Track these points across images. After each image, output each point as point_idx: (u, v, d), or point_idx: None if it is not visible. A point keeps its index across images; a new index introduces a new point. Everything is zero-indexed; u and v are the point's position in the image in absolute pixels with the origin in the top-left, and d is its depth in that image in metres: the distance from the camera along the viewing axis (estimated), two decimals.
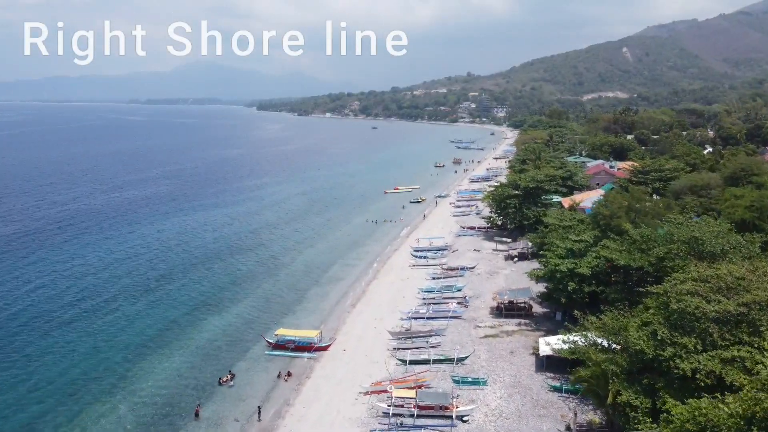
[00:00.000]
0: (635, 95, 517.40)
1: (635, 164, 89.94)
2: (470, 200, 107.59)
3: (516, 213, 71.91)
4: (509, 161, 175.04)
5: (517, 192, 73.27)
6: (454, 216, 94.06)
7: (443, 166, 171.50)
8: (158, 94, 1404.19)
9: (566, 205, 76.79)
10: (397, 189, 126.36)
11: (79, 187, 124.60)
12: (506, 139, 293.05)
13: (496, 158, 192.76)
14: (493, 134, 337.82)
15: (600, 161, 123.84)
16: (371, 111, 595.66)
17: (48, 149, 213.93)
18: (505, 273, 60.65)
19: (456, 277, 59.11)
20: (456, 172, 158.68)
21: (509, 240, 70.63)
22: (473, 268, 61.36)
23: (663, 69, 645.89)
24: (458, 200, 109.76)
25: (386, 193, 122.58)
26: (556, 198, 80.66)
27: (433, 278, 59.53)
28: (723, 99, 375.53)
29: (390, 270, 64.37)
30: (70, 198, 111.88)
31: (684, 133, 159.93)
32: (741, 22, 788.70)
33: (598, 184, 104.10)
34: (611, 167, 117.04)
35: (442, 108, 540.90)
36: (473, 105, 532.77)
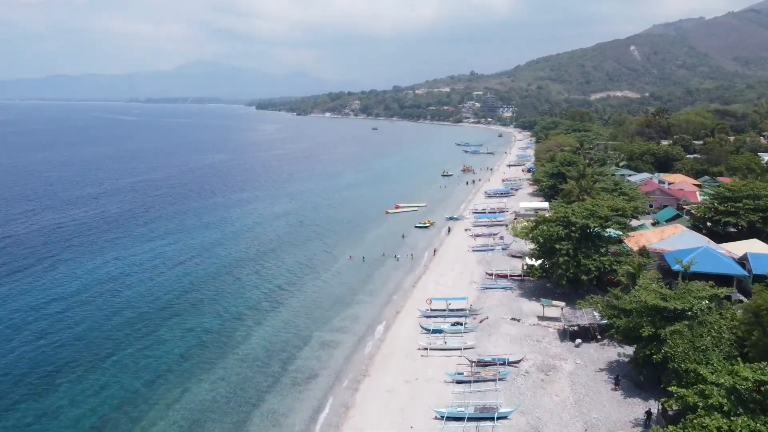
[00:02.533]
0: (647, 94, 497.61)
1: (723, 185, 67.78)
2: (491, 226, 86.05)
3: (569, 263, 50.18)
4: (526, 169, 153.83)
5: (569, 231, 51.56)
6: (473, 251, 72.36)
7: (451, 175, 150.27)
8: (159, 93, 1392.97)
9: (633, 247, 55.33)
10: (399, 207, 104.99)
11: (22, 204, 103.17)
12: (516, 142, 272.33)
13: (510, 165, 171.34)
14: (501, 136, 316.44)
15: (646, 175, 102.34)
16: (372, 110, 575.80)
17: (11, 154, 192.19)
18: (568, 370, 39.06)
19: (494, 380, 37.51)
20: (467, 183, 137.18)
21: (562, 303, 48.94)
22: (518, 362, 39.77)
23: (672, 68, 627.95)
24: (476, 225, 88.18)
25: (388, 213, 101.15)
26: (613, 232, 59.08)
27: (458, 382, 37.95)
28: (741, 99, 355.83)
29: (388, 359, 42.73)
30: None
31: (731, 138, 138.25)
32: (751, 20, 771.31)
33: (651, 206, 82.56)
34: (661, 183, 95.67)
35: (446, 108, 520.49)
36: (478, 105, 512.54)
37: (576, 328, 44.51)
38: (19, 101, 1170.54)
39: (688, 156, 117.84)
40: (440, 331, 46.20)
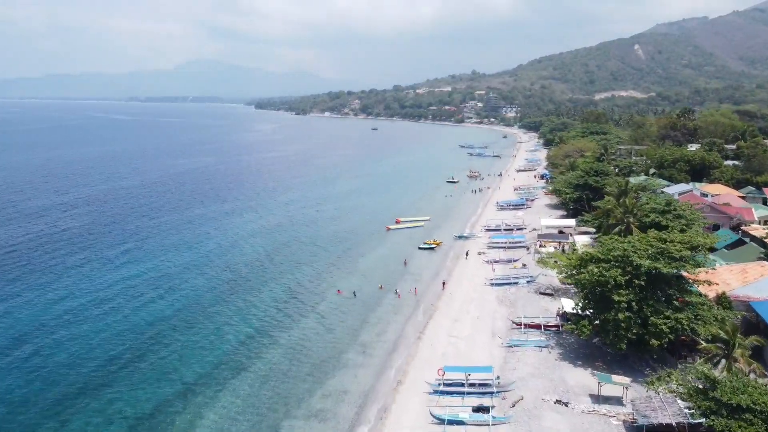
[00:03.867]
0: (653, 94, 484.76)
1: None
2: (509, 248, 72.84)
3: (631, 320, 36.99)
4: (539, 175, 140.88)
5: (631, 277, 38.36)
6: (491, 284, 59.21)
7: (457, 181, 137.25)
8: (160, 92, 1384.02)
9: (708, 294, 42.15)
10: (400, 222, 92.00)
11: None
12: (522, 143, 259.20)
13: (519, 170, 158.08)
14: (505, 137, 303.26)
15: (684, 186, 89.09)
16: (372, 110, 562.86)
17: None
18: None
19: None
20: (474, 192, 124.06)
21: (626, 380, 35.65)
22: None
23: (677, 67, 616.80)
24: (491, 246, 74.90)
25: (388, 229, 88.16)
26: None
27: None
28: (752, 99, 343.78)
29: None
30: None
31: (767, 142, 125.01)
32: (756, 19, 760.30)
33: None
34: (704, 196, 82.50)
35: (447, 107, 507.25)
36: (480, 104, 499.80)
37: (653, 421, 31.33)
38: (18, 100, 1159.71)
39: (726, 163, 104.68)
40: (460, 423, 33.04)
